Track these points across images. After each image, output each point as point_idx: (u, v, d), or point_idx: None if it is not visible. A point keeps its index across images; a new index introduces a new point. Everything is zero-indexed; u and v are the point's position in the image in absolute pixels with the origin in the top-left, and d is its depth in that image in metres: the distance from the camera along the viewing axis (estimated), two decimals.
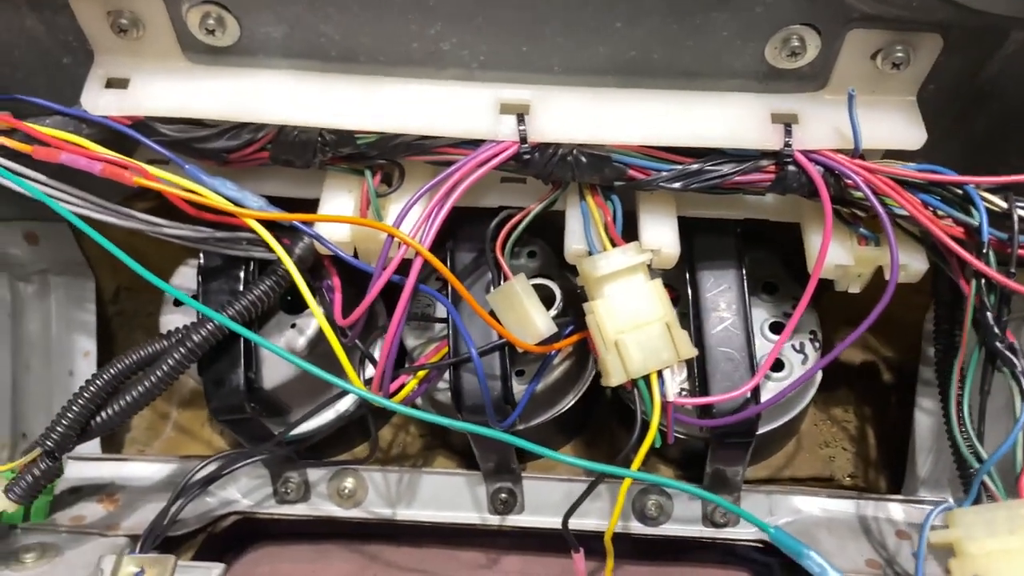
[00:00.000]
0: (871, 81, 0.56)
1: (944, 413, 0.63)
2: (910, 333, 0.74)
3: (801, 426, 0.76)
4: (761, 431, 0.67)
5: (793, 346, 0.68)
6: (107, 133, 0.59)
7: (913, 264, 0.59)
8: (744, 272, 0.65)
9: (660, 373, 0.58)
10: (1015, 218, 0.54)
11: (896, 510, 0.71)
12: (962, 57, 0.55)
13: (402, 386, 0.62)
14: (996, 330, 0.53)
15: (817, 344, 0.67)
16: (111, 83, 0.58)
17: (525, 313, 0.60)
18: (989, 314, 0.54)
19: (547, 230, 0.67)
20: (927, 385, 0.72)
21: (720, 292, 0.65)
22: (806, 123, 0.57)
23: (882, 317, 0.73)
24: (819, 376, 0.70)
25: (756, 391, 0.62)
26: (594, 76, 0.58)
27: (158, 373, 0.59)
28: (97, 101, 0.58)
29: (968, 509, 0.53)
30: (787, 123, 0.57)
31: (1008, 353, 0.53)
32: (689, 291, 0.65)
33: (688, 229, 0.64)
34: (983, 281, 0.54)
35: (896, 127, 0.57)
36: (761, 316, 0.69)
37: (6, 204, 0.68)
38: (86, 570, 0.63)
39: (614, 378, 0.57)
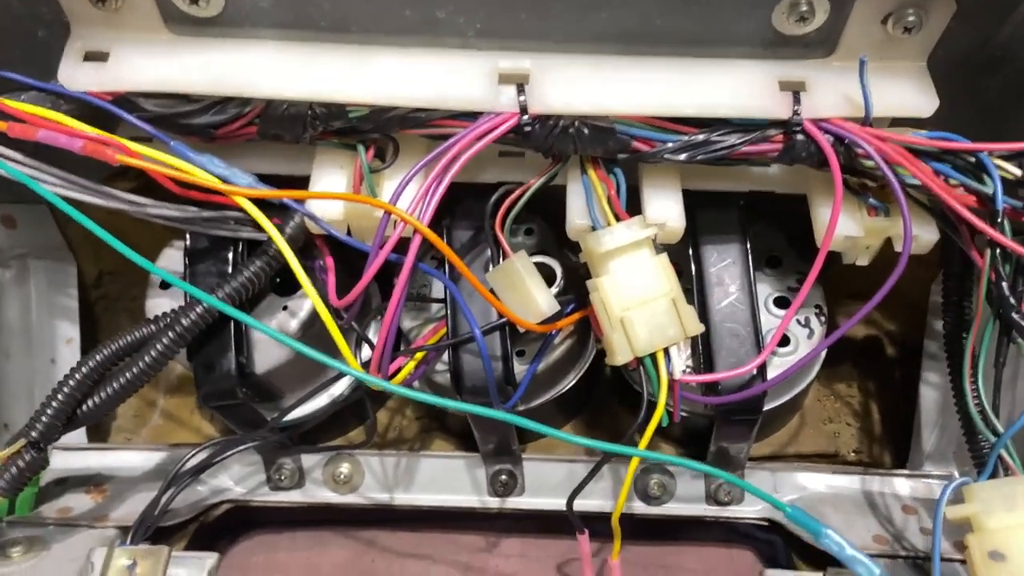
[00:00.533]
0: (881, 47, 0.55)
1: (954, 387, 0.62)
2: (914, 307, 0.73)
3: (805, 402, 0.75)
4: (766, 408, 0.66)
5: (798, 320, 0.66)
6: (86, 109, 0.56)
7: (924, 235, 0.57)
8: (748, 246, 0.63)
9: (667, 350, 0.56)
10: None
11: (902, 485, 0.71)
12: (974, 21, 0.53)
13: (399, 368, 0.60)
14: (1012, 300, 0.52)
15: (823, 318, 0.66)
16: (89, 56, 0.56)
17: (527, 291, 0.58)
18: (1004, 284, 0.52)
19: (544, 207, 0.65)
20: (933, 359, 0.71)
21: (724, 267, 0.63)
22: (814, 91, 0.55)
23: (888, 291, 0.72)
24: (823, 352, 0.68)
25: (763, 368, 0.61)
26: (596, 44, 0.56)
27: (147, 359, 0.56)
28: (75, 76, 0.55)
29: (985, 483, 0.52)
30: (795, 91, 0.55)
31: (1018, 330, 0.52)
32: (692, 266, 0.63)
33: (690, 203, 0.62)
34: (998, 251, 0.53)
35: (907, 94, 0.55)
36: (765, 291, 0.68)
37: None
38: (75, 563, 0.61)
39: (620, 356, 0.55)
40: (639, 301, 0.56)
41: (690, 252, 0.63)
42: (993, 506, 0.50)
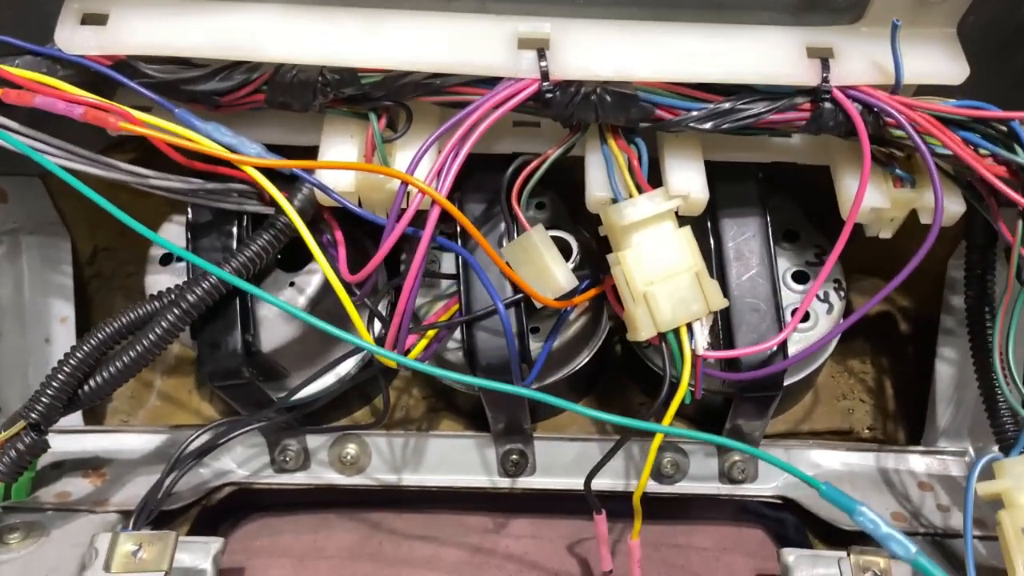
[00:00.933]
0: (910, 12, 0.53)
1: (976, 362, 0.62)
2: (929, 282, 0.72)
3: (818, 379, 0.74)
4: (789, 382, 0.65)
5: (818, 296, 0.65)
6: (84, 75, 0.53)
7: (950, 207, 0.56)
8: (768, 219, 0.62)
9: (690, 326, 0.55)
10: None
11: (917, 462, 0.70)
12: None
13: (412, 346, 0.58)
14: None
15: (842, 293, 0.65)
16: (87, 19, 0.53)
17: (545, 266, 0.56)
18: None
19: (555, 180, 0.63)
20: (949, 335, 0.71)
21: (744, 240, 0.62)
22: (842, 58, 0.53)
23: (901, 266, 0.71)
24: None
25: (784, 344, 0.59)
26: (618, 8, 0.54)
27: (151, 337, 0.54)
28: (72, 38, 0.53)
29: (1017, 459, 0.51)
30: (823, 58, 0.53)
31: None
32: (711, 240, 0.62)
33: (708, 175, 0.61)
34: None
35: (937, 61, 0.54)
36: (783, 265, 0.66)
37: None
38: (77, 549, 0.59)
39: (643, 332, 0.54)
40: (662, 275, 0.54)
41: (708, 225, 0.62)
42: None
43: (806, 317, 0.64)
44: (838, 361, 0.76)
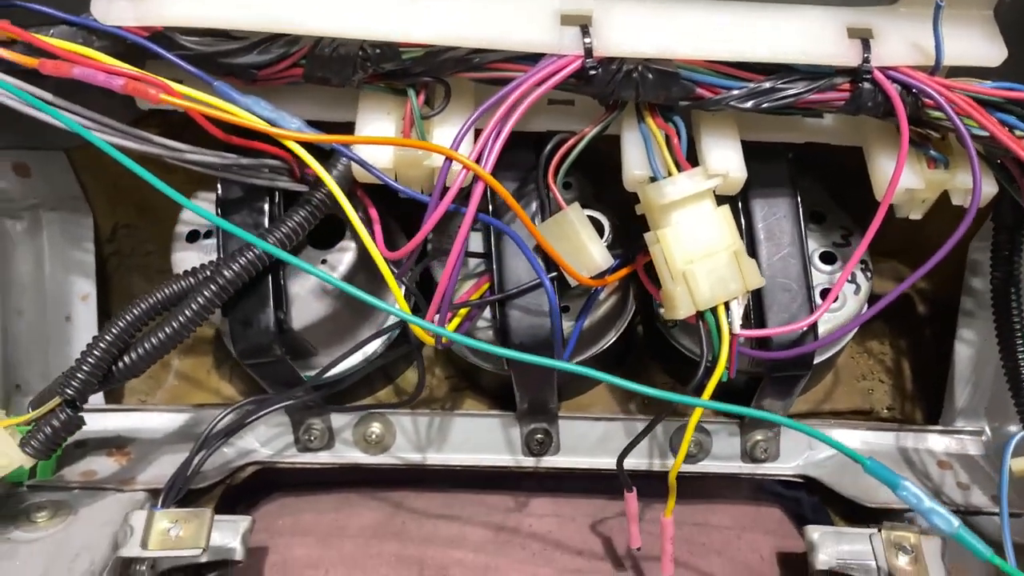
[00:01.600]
0: None
1: (1001, 342, 0.63)
2: (948, 264, 0.72)
3: (839, 360, 0.75)
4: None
5: (847, 279, 0.65)
6: (120, 46, 0.52)
7: (984, 187, 0.56)
8: (799, 200, 0.62)
9: (727, 304, 0.55)
10: None
11: (936, 441, 0.71)
12: None
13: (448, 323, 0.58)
14: None
15: (869, 274, 0.66)
16: None
17: (582, 244, 0.56)
18: None
19: (581, 160, 0.63)
20: (969, 316, 0.72)
21: (775, 221, 0.62)
22: (882, 38, 0.54)
23: (920, 248, 0.72)
24: (865, 308, 0.68)
25: (815, 324, 0.60)
26: None
27: (187, 312, 0.54)
28: (109, 9, 0.52)
29: None
30: (863, 38, 0.54)
31: None
32: (742, 220, 0.62)
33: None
34: None
35: (975, 43, 0.54)
36: (811, 246, 0.66)
37: None
38: (107, 528, 0.58)
39: (682, 310, 0.54)
40: (701, 254, 0.55)
41: (739, 205, 0.62)
42: None
43: (834, 298, 0.65)
44: (858, 342, 0.77)
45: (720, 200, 0.57)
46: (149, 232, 0.74)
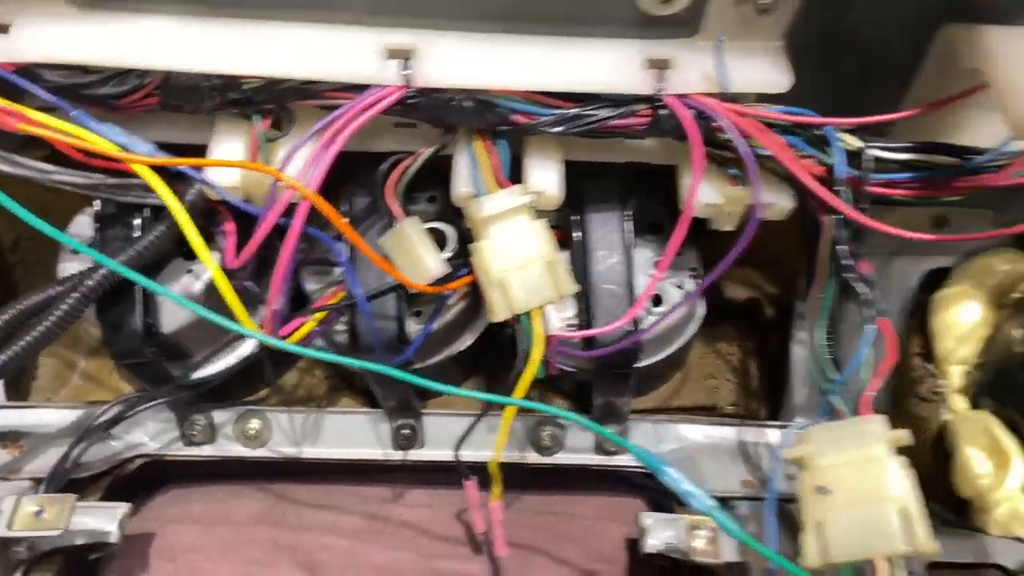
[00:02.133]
0: (741, 26, 0.59)
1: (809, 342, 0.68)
2: (791, 270, 0.79)
3: (688, 359, 0.81)
4: (645, 363, 0.71)
5: (675, 283, 0.71)
6: None
7: (780, 202, 0.63)
8: (628, 214, 0.68)
9: (543, 308, 0.61)
10: (865, 158, 0.58)
11: (773, 435, 0.76)
12: (825, 3, 0.58)
13: (298, 328, 0.64)
14: (844, 262, 0.57)
15: (697, 281, 0.71)
16: None
17: (417, 255, 0.62)
18: (843, 247, 0.58)
19: (446, 175, 0.69)
20: (802, 318, 0.77)
21: (605, 233, 0.68)
22: (679, 68, 0.60)
23: (766, 256, 0.78)
24: (702, 311, 0.74)
25: (635, 323, 0.66)
26: (479, 22, 0.60)
27: (52, 317, 0.59)
28: None
29: (820, 426, 0.57)
30: (660, 68, 0.60)
31: (858, 284, 0.57)
32: (577, 232, 0.68)
33: (577, 173, 0.67)
34: (837, 217, 0.58)
35: (763, 71, 0.60)
36: (647, 255, 0.72)
37: None
38: None
39: (498, 314, 0.60)
40: (517, 263, 0.60)
41: (574, 219, 0.68)
42: (823, 447, 0.56)
43: (659, 301, 0.70)
44: (707, 343, 0.82)
45: (545, 215, 0.63)
46: (51, 242, 0.79)
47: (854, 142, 0.58)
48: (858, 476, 0.53)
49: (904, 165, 0.58)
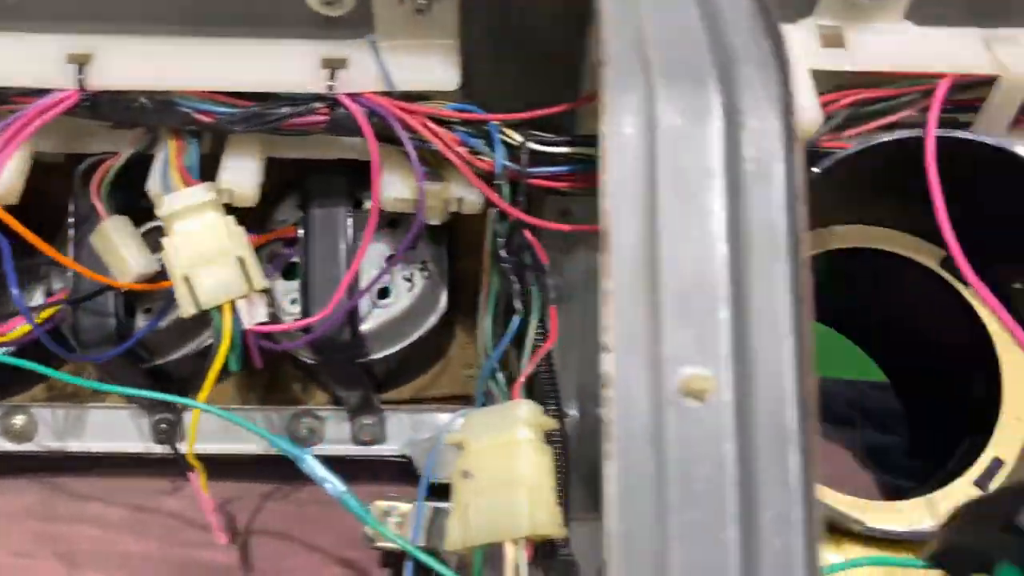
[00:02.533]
0: (412, 26, 0.60)
1: None
2: None
3: (449, 350, 0.82)
4: (381, 355, 0.73)
5: (404, 276, 0.73)
6: None
7: (469, 196, 0.64)
8: (352, 209, 0.70)
9: (234, 303, 0.63)
10: (523, 151, 0.59)
11: None
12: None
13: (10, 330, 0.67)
14: (500, 252, 0.59)
15: (427, 274, 0.73)
16: None
17: (119, 253, 0.64)
18: (499, 240, 0.59)
19: None
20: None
21: (329, 227, 0.69)
22: (354, 67, 0.61)
23: None
24: (444, 302, 0.75)
25: (353, 314, 0.68)
26: (160, 24, 0.61)
27: None
28: None
29: (478, 411, 0.59)
30: (335, 68, 0.61)
31: (511, 275, 0.59)
32: (303, 228, 0.70)
33: (302, 170, 0.69)
34: (494, 209, 0.60)
35: (432, 70, 0.61)
36: (383, 249, 0.74)
37: None
38: None
39: (186, 309, 0.62)
40: (205, 260, 0.62)
41: (302, 215, 0.70)
42: (477, 431, 0.57)
43: (386, 294, 0.72)
44: (470, 334, 0.84)
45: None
46: None
47: (517, 137, 0.60)
48: (498, 460, 0.55)
49: (567, 158, 0.60)
